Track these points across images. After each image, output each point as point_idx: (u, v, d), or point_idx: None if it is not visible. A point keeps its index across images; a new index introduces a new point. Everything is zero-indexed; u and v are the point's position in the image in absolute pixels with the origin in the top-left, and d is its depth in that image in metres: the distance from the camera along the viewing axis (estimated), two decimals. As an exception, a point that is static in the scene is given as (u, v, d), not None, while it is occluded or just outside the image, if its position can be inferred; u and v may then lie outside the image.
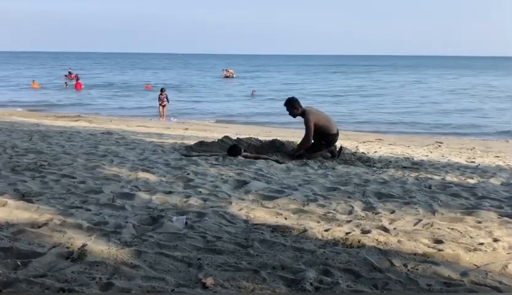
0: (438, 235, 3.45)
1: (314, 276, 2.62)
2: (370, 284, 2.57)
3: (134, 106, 25.97)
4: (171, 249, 2.94)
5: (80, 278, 2.45)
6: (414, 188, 5.15)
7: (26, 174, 4.97)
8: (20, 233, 3.07)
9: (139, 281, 2.47)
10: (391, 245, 3.17)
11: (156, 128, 13.75)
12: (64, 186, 4.52)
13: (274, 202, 4.27)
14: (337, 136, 7.28)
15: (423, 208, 4.27)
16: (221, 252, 2.93)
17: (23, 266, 2.57)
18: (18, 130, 9.70)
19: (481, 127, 18.89)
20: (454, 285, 2.58)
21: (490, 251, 3.12)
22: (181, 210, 3.86)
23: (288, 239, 3.23)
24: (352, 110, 24.66)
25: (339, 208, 4.16)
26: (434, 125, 19.53)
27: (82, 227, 3.26)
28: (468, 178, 6.10)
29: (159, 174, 5.33)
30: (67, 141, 8.01)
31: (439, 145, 12.06)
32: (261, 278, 2.57)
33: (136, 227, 3.36)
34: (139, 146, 7.78)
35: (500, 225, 3.76)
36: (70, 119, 16.06)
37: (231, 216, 3.76)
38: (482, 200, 4.65)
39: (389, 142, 12.19)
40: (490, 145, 12.52)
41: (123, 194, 4.31)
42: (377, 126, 18.72)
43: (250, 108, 25.63)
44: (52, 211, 3.63)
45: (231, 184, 4.98)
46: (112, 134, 9.83)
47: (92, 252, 2.78)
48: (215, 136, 9.82)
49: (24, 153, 6.33)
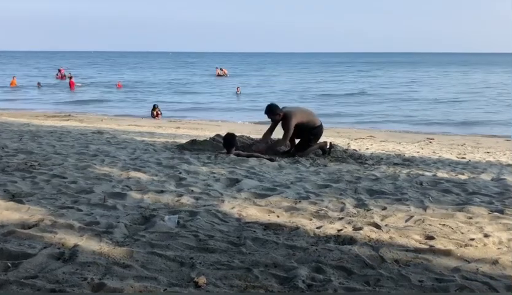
0: (429, 231, 3.47)
1: (306, 273, 2.63)
2: (362, 281, 2.59)
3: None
4: (163, 248, 2.93)
5: (72, 279, 2.44)
6: (406, 184, 5.18)
7: (16, 174, 4.92)
8: (10, 234, 3.04)
9: (131, 281, 2.46)
10: (383, 242, 3.19)
11: (148, 126, 13.68)
12: (54, 186, 4.49)
13: (266, 200, 4.27)
14: (322, 128, 7.42)
15: (415, 204, 4.29)
16: (213, 251, 2.93)
17: (14, 267, 2.55)
18: (8, 130, 9.60)
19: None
20: (446, 281, 2.60)
21: (481, 247, 3.15)
22: (173, 209, 3.85)
23: (280, 237, 3.24)
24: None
25: (331, 205, 4.17)
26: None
27: (73, 227, 3.24)
28: (458, 174, 6.15)
29: (151, 173, 5.31)
30: (57, 141, 7.94)
31: (430, 141, 12.13)
32: (253, 276, 2.57)
33: (128, 226, 3.34)
34: (130, 145, 7.74)
35: (491, 221, 3.80)
36: (61, 119, 15.94)
37: (224, 214, 3.75)
38: (473, 196, 4.69)
39: (380, 139, 12.24)
40: (480, 142, 12.62)
41: (115, 194, 4.29)
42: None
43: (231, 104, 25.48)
44: (43, 212, 3.60)
45: (223, 183, 4.98)
46: (103, 133, 9.77)
47: (83, 253, 2.77)
48: (206, 134, 9.80)
49: (14, 154, 6.27)
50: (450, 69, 68.31)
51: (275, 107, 7.19)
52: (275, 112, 7.14)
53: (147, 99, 26.98)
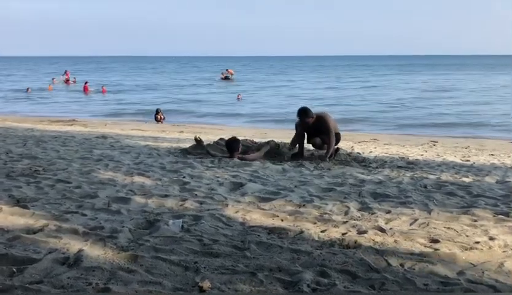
0: (434, 234, 3.46)
1: (311, 277, 2.62)
2: (367, 285, 2.58)
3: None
4: (168, 253, 2.93)
5: (77, 284, 2.44)
6: (410, 187, 5.17)
7: (20, 179, 4.95)
8: (15, 239, 3.05)
9: (136, 285, 2.46)
10: (388, 245, 3.18)
11: (151, 131, 13.69)
12: (59, 191, 4.51)
13: (270, 204, 4.26)
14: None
15: (419, 207, 4.28)
16: (217, 255, 2.93)
17: (19, 272, 2.55)
18: (12, 135, 9.65)
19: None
20: (451, 284, 2.59)
21: (486, 250, 3.14)
22: (177, 213, 3.85)
23: (284, 241, 3.23)
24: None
25: (335, 209, 4.16)
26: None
27: (78, 232, 3.25)
28: (463, 177, 6.13)
29: (155, 177, 5.32)
30: (62, 146, 7.97)
31: (433, 144, 12.09)
32: (258, 281, 2.57)
33: (132, 231, 3.35)
34: (134, 150, 7.76)
35: (496, 224, 3.78)
36: (65, 123, 15.98)
37: (228, 218, 3.75)
38: (478, 199, 4.67)
39: (384, 142, 12.21)
40: (484, 144, 12.57)
41: (119, 198, 4.30)
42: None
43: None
44: (47, 217, 3.61)
45: (226, 187, 4.98)
46: (107, 138, 9.79)
47: (88, 258, 2.77)
48: (210, 138, 9.80)
49: (18, 159, 6.30)
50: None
51: (309, 110, 7.20)
52: (308, 115, 7.14)
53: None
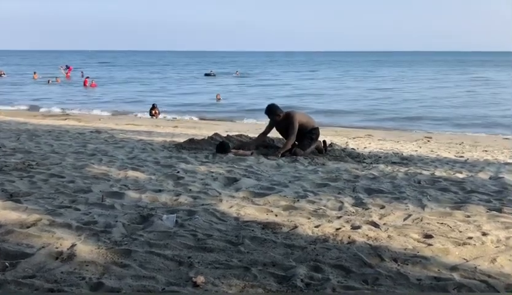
0: (427, 229, 3.47)
1: (305, 272, 2.63)
2: (360, 280, 2.59)
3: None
4: (161, 247, 2.93)
5: (70, 278, 2.44)
6: (404, 183, 5.18)
7: (13, 174, 4.91)
8: (8, 234, 3.03)
9: (129, 280, 2.46)
10: (382, 240, 3.19)
11: (145, 126, 13.65)
12: (52, 186, 4.48)
13: (265, 199, 4.26)
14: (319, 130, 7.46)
15: (413, 203, 4.30)
16: (211, 250, 2.93)
17: (12, 267, 2.55)
18: (6, 129, 9.59)
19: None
20: (444, 279, 2.60)
21: (479, 245, 3.16)
22: (171, 208, 3.84)
23: (278, 236, 3.24)
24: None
25: (329, 204, 4.17)
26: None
27: (71, 227, 3.23)
28: (456, 173, 6.15)
29: (149, 172, 5.31)
30: (55, 140, 7.93)
31: (428, 140, 12.14)
32: (252, 275, 2.57)
33: (126, 226, 3.34)
34: (128, 144, 7.73)
35: (489, 219, 3.80)
36: (58, 118, 15.91)
37: (222, 213, 3.75)
38: (471, 194, 4.69)
39: (378, 138, 12.24)
40: (478, 140, 12.63)
41: (112, 193, 4.28)
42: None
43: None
44: (41, 211, 3.59)
45: (221, 182, 4.97)
46: (101, 132, 9.75)
47: (81, 252, 2.76)
48: (204, 133, 9.78)
49: (11, 153, 6.26)
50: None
51: (276, 108, 7.24)
52: (275, 112, 7.18)
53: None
